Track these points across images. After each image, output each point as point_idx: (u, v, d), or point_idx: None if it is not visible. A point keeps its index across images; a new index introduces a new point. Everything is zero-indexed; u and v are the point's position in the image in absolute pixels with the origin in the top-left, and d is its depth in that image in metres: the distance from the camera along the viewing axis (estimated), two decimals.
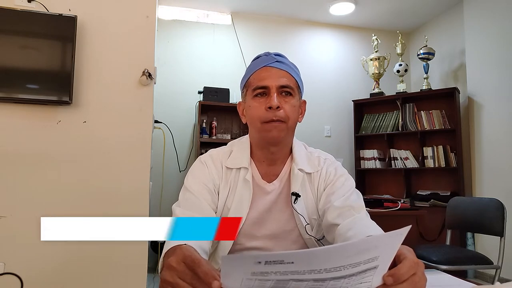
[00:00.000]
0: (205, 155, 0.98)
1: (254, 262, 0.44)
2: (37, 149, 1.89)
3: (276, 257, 0.44)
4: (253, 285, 0.48)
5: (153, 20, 2.13)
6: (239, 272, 0.45)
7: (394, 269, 0.53)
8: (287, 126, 0.90)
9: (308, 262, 0.45)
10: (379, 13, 3.79)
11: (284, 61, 0.93)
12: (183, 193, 0.91)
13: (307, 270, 0.46)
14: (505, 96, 2.97)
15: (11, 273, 1.76)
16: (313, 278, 0.47)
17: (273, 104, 0.87)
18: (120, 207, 1.94)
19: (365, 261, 0.48)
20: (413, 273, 0.54)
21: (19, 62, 1.86)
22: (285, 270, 0.45)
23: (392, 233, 0.48)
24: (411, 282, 0.53)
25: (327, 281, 0.48)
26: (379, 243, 0.49)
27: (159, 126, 3.03)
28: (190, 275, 0.52)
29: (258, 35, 3.81)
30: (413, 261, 0.55)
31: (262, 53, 0.97)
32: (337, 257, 0.46)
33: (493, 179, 3.03)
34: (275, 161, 0.96)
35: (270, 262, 0.44)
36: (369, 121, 3.80)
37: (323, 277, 0.47)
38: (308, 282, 0.48)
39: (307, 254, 0.45)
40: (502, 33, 3.01)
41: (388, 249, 0.51)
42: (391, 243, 0.50)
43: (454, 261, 2.07)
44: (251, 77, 0.94)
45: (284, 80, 0.90)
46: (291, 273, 0.46)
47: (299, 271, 0.46)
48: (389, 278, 0.52)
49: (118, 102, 2.01)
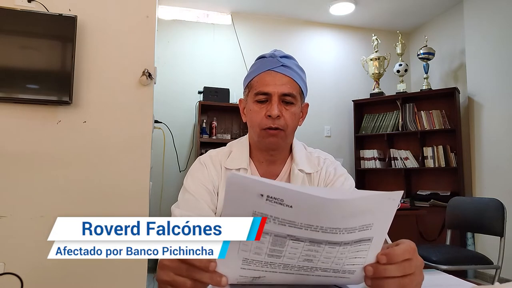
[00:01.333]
0: (204, 156, 0.97)
1: (257, 193, 0.45)
2: (37, 149, 1.89)
3: (278, 193, 0.45)
4: (251, 244, 0.48)
5: (153, 20, 2.13)
6: (242, 205, 0.46)
7: (389, 249, 0.53)
8: (285, 133, 0.89)
9: (307, 209, 0.46)
10: (379, 13, 3.78)
11: (289, 65, 0.91)
12: (182, 194, 0.90)
13: (304, 224, 0.47)
14: (505, 96, 2.96)
15: (11, 273, 1.76)
16: (309, 239, 0.48)
17: (273, 114, 0.86)
18: (120, 207, 1.94)
19: (360, 227, 0.49)
20: (408, 258, 0.53)
21: (19, 62, 1.86)
22: (283, 217, 0.46)
23: (386, 194, 0.49)
24: (404, 266, 0.52)
25: (322, 246, 0.49)
26: (372, 203, 0.49)
27: (159, 126, 3.03)
28: (185, 268, 0.52)
29: (258, 35, 3.81)
30: (409, 246, 0.54)
31: (268, 53, 0.94)
32: (334, 210, 0.47)
33: (493, 179, 3.02)
34: (275, 162, 0.96)
35: (271, 199, 0.45)
36: (369, 121, 3.80)
37: (319, 239, 0.48)
38: (305, 243, 0.49)
39: (305, 196, 0.46)
40: (502, 33, 3.01)
41: (382, 216, 0.51)
42: (385, 209, 0.50)
43: (454, 261, 2.07)
44: (254, 79, 0.92)
45: (287, 88, 0.88)
46: (288, 223, 0.47)
47: (296, 224, 0.47)
48: (382, 256, 0.52)
49: (118, 102, 2.01)
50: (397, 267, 0.52)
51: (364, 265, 0.53)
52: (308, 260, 0.51)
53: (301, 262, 0.51)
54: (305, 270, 0.53)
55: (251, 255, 0.50)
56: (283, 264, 0.52)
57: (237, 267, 0.51)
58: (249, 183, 0.46)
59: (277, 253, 0.50)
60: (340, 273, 0.54)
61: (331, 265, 0.52)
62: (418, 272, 0.54)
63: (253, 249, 0.49)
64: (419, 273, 0.55)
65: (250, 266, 0.51)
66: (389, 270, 0.52)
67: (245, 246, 0.49)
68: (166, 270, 0.53)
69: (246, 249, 0.49)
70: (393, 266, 0.52)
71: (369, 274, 0.53)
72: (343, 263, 0.52)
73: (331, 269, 0.53)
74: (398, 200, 0.50)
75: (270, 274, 0.53)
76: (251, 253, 0.50)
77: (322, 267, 0.52)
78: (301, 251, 0.50)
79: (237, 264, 0.50)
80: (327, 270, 0.53)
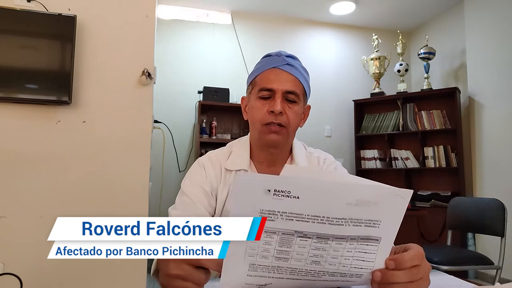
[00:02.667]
0: (203, 158, 0.97)
1: (264, 189, 0.45)
2: (36, 149, 1.88)
3: (284, 184, 0.45)
4: (258, 247, 0.48)
5: (152, 19, 2.12)
6: (250, 204, 0.47)
7: (398, 255, 0.53)
8: (287, 131, 0.89)
9: (313, 198, 0.46)
10: (379, 12, 3.78)
11: (295, 65, 0.91)
12: (179, 196, 0.90)
13: (312, 215, 0.47)
14: (506, 96, 2.96)
15: (11, 274, 1.75)
16: (317, 234, 0.48)
17: (276, 110, 0.86)
18: (119, 207, 1.93)
19: (366, 221, 0.49)
20: (417, 264, 0.53)
21: (19, 62, 1.85)
22: (291, 211, 0.46)
23: (393, 189, 0.49)
24: (412, 273, 0.52)
25: (329, 242, 0.49)
26: (378, 195, 0.49)
27: (158, 126, 3.02)
28: (197, 272, 0.50)
29: (258, 35, 3.81)
30: (418, 252, 0.54)
31: (274, 52, 0.94)
32: (338, 194, 0.47)
33: (494, 179, 3.02)
34: (275, 162, 0.95)
35: (278, 193, 0.45)
36: (370, 121, 3.80)
37: (326, 233, 0.48)
38: (312, 240, 0.49)
39: (311, 182, 0.47)
40: (503, 32, 3.00)
41: (389, 214, 0.50)
42: (392, 206, 0.50)
43: (455, 261, 2.07)
44: (258, 76, 0.92)
45: (291, 86, 0.88)
46: (296, 217, 0.47)
47: (304, 216, 0.47)
48: (391, 262, 0.52)
49: (118, 102, 2.01)
50: (405, 273, 0.52)
51: (372, 269, 0.53)
52: (315, 262, 0.51)
53: (309, 264, 0.51)
54: (312, 275, 0.52)
55: (258, 259, 0.49)
56: (290, 269, 0.51)
57: (243, 274, 0.50)
58: (256, 179, 0.47)
59: (285, 254, 0.50)
60: (347, 277, 0.54)
61: (339, 268, 0.52)
62: (425, 277, 0.54)
63: (260, 252, 0.49)
64: (426, 278, 0.55)
65: (257, 272, 0.50)
66: (397, 276, 0.52)
67: (252, 251, 0.48)
68: (178, 280, 0.51)
69: (253, 253, 0.49)
70: (401, 272, 0.52)
71: (377, 279, 0.53)
72: (350, 265, 0.52)
73: (338, 273, 0.53)
74: (408, 199, 0.49)
75: (277, 281, 0.52)
76: (258, 257, 0.49)
77: (330, 270, 0.52)
78: (308, 250, 0.50)
79: (244, 270, 0.50)
80: (334, 275, 0.53)
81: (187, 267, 0.50)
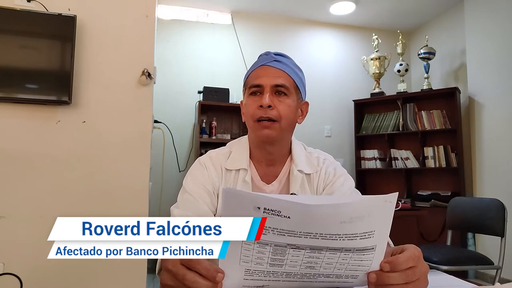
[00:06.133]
0: (204, 157, 0.97)
1: (253, 207, 0.45)
2: (36, 149, 1.88)
3: (274, 205, 0.45)
4: (251, 255, 0.48)
5: (152, 19, 2.12)
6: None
7: (393, 257, 0.53)
8: (280, 125, 0.89)
9: (305, 219, 0.46)
10: (379, 12, 3.78)
11: (283, 61, 0.92)
12: (181, 194, 0.90)
13: (304, 232, 0.46)
14: (506, 96, 2.96)
15: (11, 274, 1.75)
16: (310, 246, 0.48)
17: (264, 103, 0.87)
18: (119, 207, 1.93)
19: (361, 234, 0.48)
20: (412, 265, 0.53)
21: (19, 62, 1.85)
22: (282, 228, 0.46)
23: (381, 197, 0.49)
24: (407, 274, 0.52)
25: (323, 252, 0.49)
26: (369, 207, 0.49)
27: (158, 126, 3.02)
28: (190, 275, 0.51)
29: (258, 35, 3.81)
30: (414, 254, 0.54)
31: (263, 53, 0.97)
32: (331, 215, 0.46)
33: (494, 179, 3.02)
34: (274, 162, 0.95)
35: (268, 211, 0.45)
36: (370, 121, 3.80)
37: (319, 245, 0.48)
38: (306, 251, 0.48)
39: (301, 206, 0.45)
40: (503, 32, 3.00)
41: (381, 221, 0.50)
42: (383, 212, 0.50)
43: (455, 261, 2.07)
44: (249, 76, 0.94)
45: (279, 80, 0.89)
46: (287, 233, 0.46)
47: (295, 232, 0.46)
48: (386, 264, 0.52)
49: (118, 102, 2.01)
50: (400, 275, 0.52)
51: (368, 271, 0.53)
52: (310, 267, 0.51)
53: (304, 269, 0.51)
54: (308, 278, 0.53)
55: (253, 266, 0.49)
56: (285, 273, 0.51)
57: (240, 278, 0.50)
58: (245, 197, 0.46)
59: (279, 262, 0.50)
60: (343, 278, 0.54)
61: (334, 271, 0.52)
62: (423, 278, 0.54)
63: (254, 259, 0.49)
64: (423, 279, 0.55)
65: (253, 276, 0.51)
66: (393, 278, 0.52)
67: (246, 258, 0.48)
68: (170, 274, 0.52)
69: (247, 260, 0.49)
70: (396, 274, 0.52)
71: (373, 281, 0.53)
72: (345, 269, 0.52)
73: (334, 275, 0.53)
74: (394, 202, 0.50)
75: (273, 283, 0.52)
76: (252, 264, 0.49)
77: (325, 273, 0.52)
78: (302, 258, 0.50)
79: (240, 275, 0.50)
80: (329, 276, 0.53)
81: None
